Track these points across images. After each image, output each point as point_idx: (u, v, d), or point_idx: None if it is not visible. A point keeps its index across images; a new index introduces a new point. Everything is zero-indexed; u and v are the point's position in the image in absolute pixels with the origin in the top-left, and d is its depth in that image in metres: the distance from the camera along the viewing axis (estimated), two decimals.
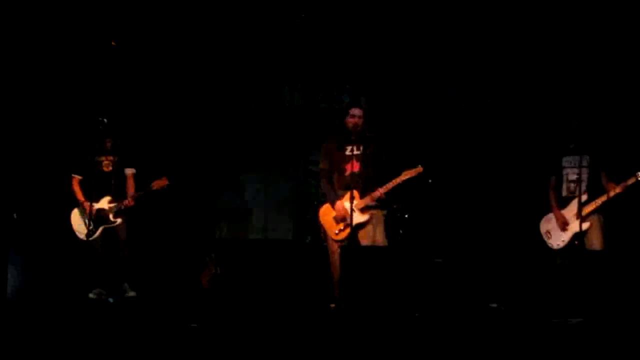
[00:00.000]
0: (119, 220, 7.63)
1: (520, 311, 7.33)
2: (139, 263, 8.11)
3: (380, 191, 6.68)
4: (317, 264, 7.66)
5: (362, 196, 6.72)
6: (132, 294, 7.64)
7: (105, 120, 7.27)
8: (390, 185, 6.71)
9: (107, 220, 7.61)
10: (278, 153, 10.00)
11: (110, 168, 7.72)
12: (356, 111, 6.84)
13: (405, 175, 6.71)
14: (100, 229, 7.60)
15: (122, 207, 7.63)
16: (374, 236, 6.76)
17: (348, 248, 6.24)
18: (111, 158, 7.73)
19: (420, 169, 6.69)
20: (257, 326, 5.94)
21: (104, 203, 7.63)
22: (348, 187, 6.65)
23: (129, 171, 7.82)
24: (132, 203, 7.66)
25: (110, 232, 7.67)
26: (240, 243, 9.42)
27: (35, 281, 6.35)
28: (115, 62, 9.35)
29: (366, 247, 6.59)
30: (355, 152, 6.82)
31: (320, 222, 7.08)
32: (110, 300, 7.34)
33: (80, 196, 7.68)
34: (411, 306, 5.89)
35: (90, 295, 7.39)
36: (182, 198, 9.34)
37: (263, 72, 10.18)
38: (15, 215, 8.12)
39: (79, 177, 7.74)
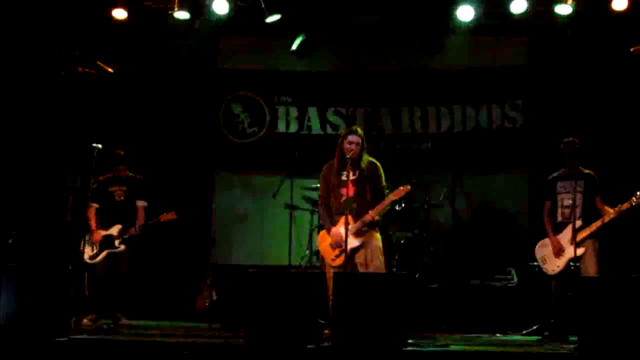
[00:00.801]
0: (122, 247, 7.74)
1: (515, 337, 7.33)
2: (135, 290, 8.10)
3: (371, 214, 6.67)
4: (312, 290, 7.63)
5: (356, 221, 6.70)
6: (125, 321, 7.65)
7: (99, 146, 7.29)
8: (380, 206, 6.68)
9: (112, 245, 7.72)
10: (275, 178, 10.01)
11: (122, 198, 7.91)
12: (354, 138, 6.84)
13: (394, 196, 6.69)
14: (104, 253, 7.71)
15: (127, 235, 7.74)
16: (370, 261, 6.73)
17: (340, 275, 6.20)
18: (124, 188, 7.92)
19: (408, 187, 6.67)
20: (250, 353, 5.90)
21: (114, 230, 7.78)
22: (343, 213, 6.64)
23: (140, 203, 7.97)
24: (138, 232, 7.78)
25: (114, 259, 7.75)
26: (236, 269, 9.38)
27: (28, 306, 6.29)
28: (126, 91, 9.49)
29: (359, 273, 6.55)
30: (351, 178, 6.81)
31: (318, 248, 7.09)
32: (105, 326, 7.32)
33: (93, 223, 7.83)
34: (404, 333, 5.84)
35: (85, 320, 7.38)
36: (178, 224, 9.33)
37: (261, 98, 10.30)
38: (10, 241, 8.12)
39: (96, 205, 7.92)
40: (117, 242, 7.73)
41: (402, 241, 8.84)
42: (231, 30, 10.03)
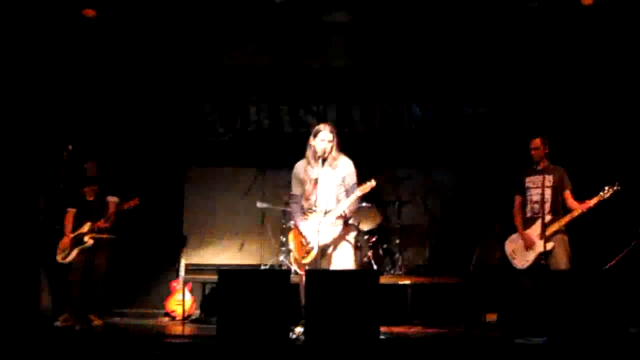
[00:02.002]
0: (90, 242, 7.69)
1: (485, 331, 7.38)
2: (108, 290, 8.06)
3: (340, 210, 6.64)
4: (285, 287, 7.64)
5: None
6: (98, 322, 7.63)
7: (70, 146, 7.26)
8: (346, 202, 6.65)
9: (82, 242, 7.70)
10: (247, 176, 9.98)
11: (93, 197, 7.93)
12: (325, 135, 6.81)
13: (361, 191, 6.64)
14: (75, 250, 7.69)
15: (96, 228, 7.72)
16: (340, 258, 6.73)
17: (312, 272, 6.20)
18: (94, 187, 7.93)
19: (373, 183, 6.62)
20: (221, 351, 5.90)
21: (84, 228, 7.77)
22: (314, 210, 6.63)
23: (111, 199, 7.96)
24: (106, 224, 7.78)
25: (90, 260, 7.74)
26: (210, 268, 9.34)
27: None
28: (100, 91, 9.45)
29: (329, 270, 6.55)
30: (322, 175, 6.79)
31: (289, 246, 7.08)
32: (77, 327, 7.29)
33: (69, 230, 7.83)
34: (375, 329, 5.86)
35: (57, 323, 7.35)
36: (150, 224, 9.29)
37: (231, 96, 10.22)
38: None
39: (74, 210, 7.95)
40: (86, 238, 7.70)
41: (374, 238, 8.88)
42: None
